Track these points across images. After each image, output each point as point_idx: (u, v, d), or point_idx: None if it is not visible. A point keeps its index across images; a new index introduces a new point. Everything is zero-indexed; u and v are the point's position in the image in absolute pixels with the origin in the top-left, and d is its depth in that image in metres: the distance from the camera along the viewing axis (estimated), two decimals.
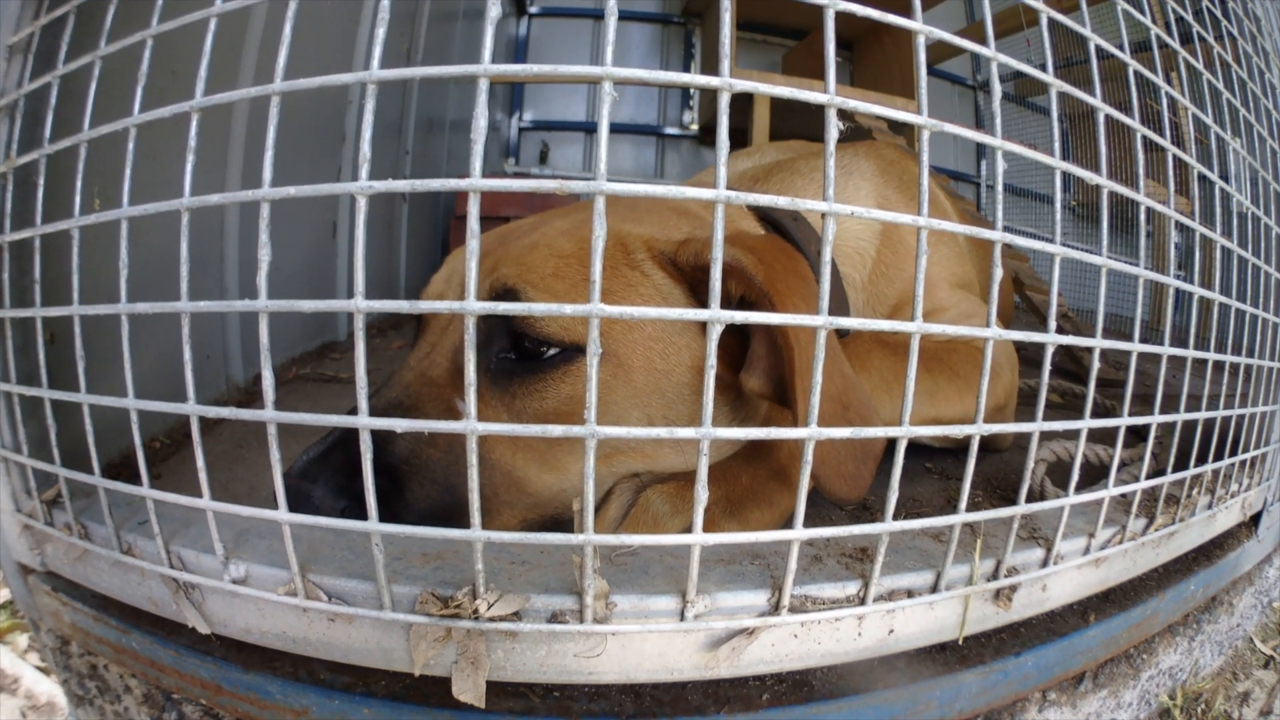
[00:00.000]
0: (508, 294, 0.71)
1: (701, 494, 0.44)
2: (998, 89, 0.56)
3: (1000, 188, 0.55)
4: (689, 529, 0.67)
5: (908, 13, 0.49)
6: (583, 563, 0.47)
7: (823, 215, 0.42)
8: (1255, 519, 1.01)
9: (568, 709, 0.55)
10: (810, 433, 0.45)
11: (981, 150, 4.25)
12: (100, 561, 0.65)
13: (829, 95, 0.43)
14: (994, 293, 0.52)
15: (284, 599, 0.54)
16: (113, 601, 0.66)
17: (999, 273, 0.52)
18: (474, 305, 0.39)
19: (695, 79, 0.41)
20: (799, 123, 2.81)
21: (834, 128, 0.43)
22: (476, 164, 0.39)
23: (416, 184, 0.39)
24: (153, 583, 0.62)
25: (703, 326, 0.74)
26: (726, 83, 0.40)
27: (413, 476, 0.65)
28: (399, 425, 0.43)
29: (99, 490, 0.61)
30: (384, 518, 0.47)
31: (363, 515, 0.57)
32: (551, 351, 0.69)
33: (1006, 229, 0.54)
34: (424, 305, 0.40)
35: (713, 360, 0.42)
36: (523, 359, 0.70)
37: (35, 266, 0.66)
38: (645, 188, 0.39)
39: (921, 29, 0.49)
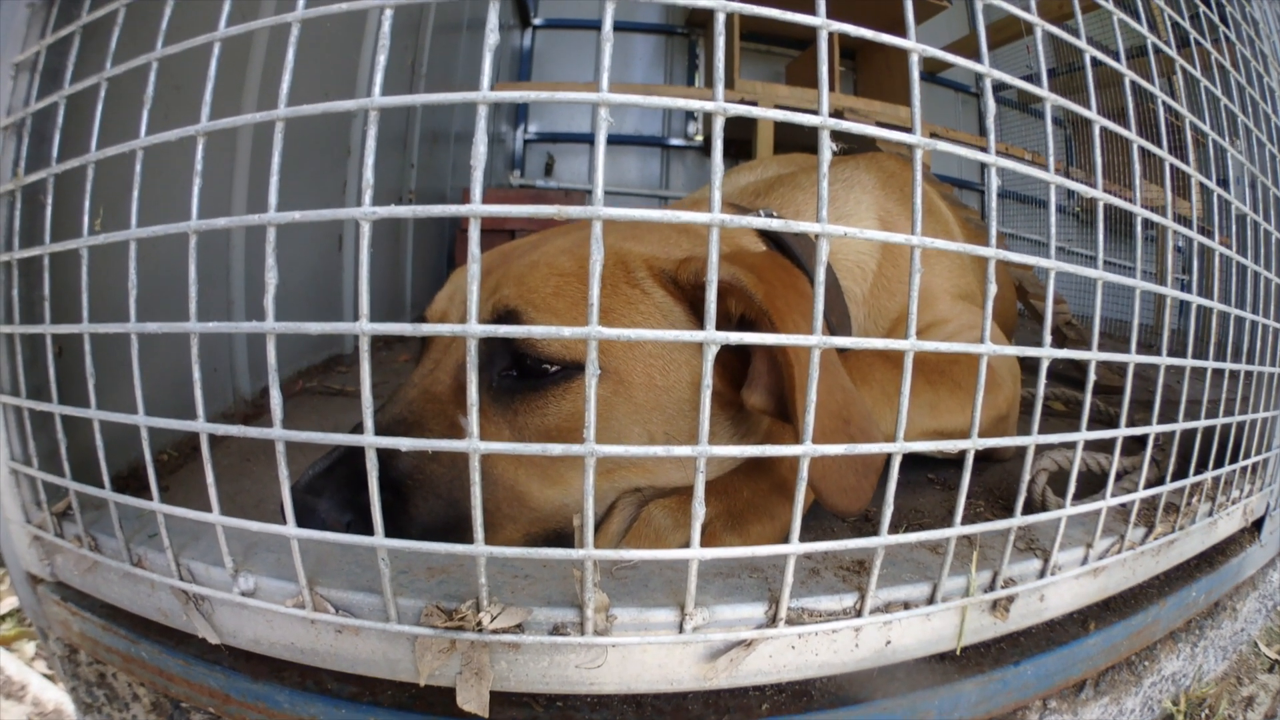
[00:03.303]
0: (509, 315, 0.72)
1: (699, 510, 0.45)
2: (991, 106, 0.56)
3: (994, 201, 0.55)
4: (690, 543, 0.68)
5: (903, 27, 0.50)
6: (583, 576, 0.48)
7: (815, 236, 0.43)
8: (1258, 524, 1.01)
9: (570, 718, 0.56)
10: (805, 449, 0.46)
11: None
12: (110, 573, 0.66)
13: (821, 118, 0.44)
14: (988, 308, 0.53)
15: (292, 611, 0.55)
16: (122, 611, 0.67)
17: (993, 289, 0.52)
18: (475, 328, 0.40)
19: (690, 103, 0.42)
20: (804, 134, 2.83)
21: (827, 149, 0.44)
22: (477, 190, 0.40)
23: (418, 210, 0.40)
24: (162, 594, 0.62)
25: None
26: (720, 107, 0.41)
27: (416, 491, 0.66)
28: (404, 444, 0.44)
29: (109, 503, 0.62)
30: (388, 532, 0.48)
31: (367, 528, 0.58)
32: (553, 369, 0.70)
33: (1010, 237, 0.55)
34: (426, 329, 0.41)
35: (709, 380, 0.42)
36: (525, 376, 0.71)
37: (44, 283, 0.67)
38: (641, 213, 0.40)
39: (914, 47, 0.50)
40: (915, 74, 0.51)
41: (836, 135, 0.47)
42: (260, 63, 1.32)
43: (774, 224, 0.42)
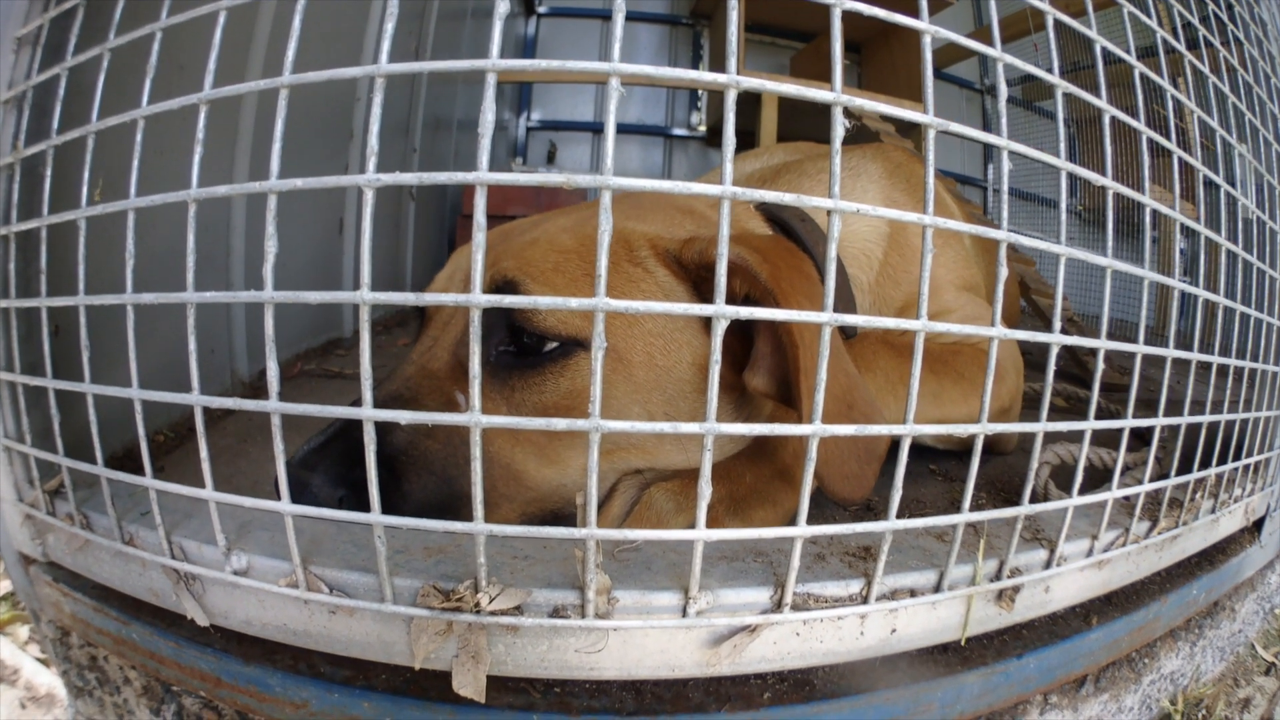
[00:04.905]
0: (507, 286, 0.71)
1: (705, 490, 0.44)
2: (1004, 89, 0.55)
3: (1005, 189, 0.55)
4: (693, 526, 0.67)
5: (915, 14, 0.49)
6: (585, 557, 0.47)
7: (828, 213, 0.42)
8: (1258, 524, 1.01)
9: (568, 705, 0.55)
10: (814, 429, 0.45)
11: (988, 154, 4.25)
12: (101, 552, 0.65)
13: (835, 94, 0.43)
14: (999, 292, 0.52)
15: (285, 591, 0.54)
16: (113, 592, 0.66)
17: (1004, 272, 0.52)
18: (479, 298, 0.39)
19: (702, 76, 0.41)
20: (806, 124, 2.81)
21: (840, 125, 0.43)
22: (484, 158, 0.39)
23: (424, 177, 0.39)
24: (154, 574, 0.62)
25: (705, 323, 0.74)
26: (733, 80, 0.40)
27: (411, 468, 0.65)
28: (403, 417, 0.43)
29: (102, 480, 0.61)
30: (381, 509, 0.47)
31: (360, 504, 0.57)
32: (551, 345, 0.69)
33: (1012, 233, 0.54)
34: (429, 297, 0.40)
35: (717, 356, 0.42)
36: (522, 353, 0.70)
37: (41, 257, 0.66)
38: (651, 183, 0.39)
39: (928, 29, 0.49)
40: (928, 55, 0.50)
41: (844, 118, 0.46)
42: (263, 45, 1.31)
43: (786, 198, 0.41)
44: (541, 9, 4.00)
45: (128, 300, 0.53)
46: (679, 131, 4.08)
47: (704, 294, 0.74)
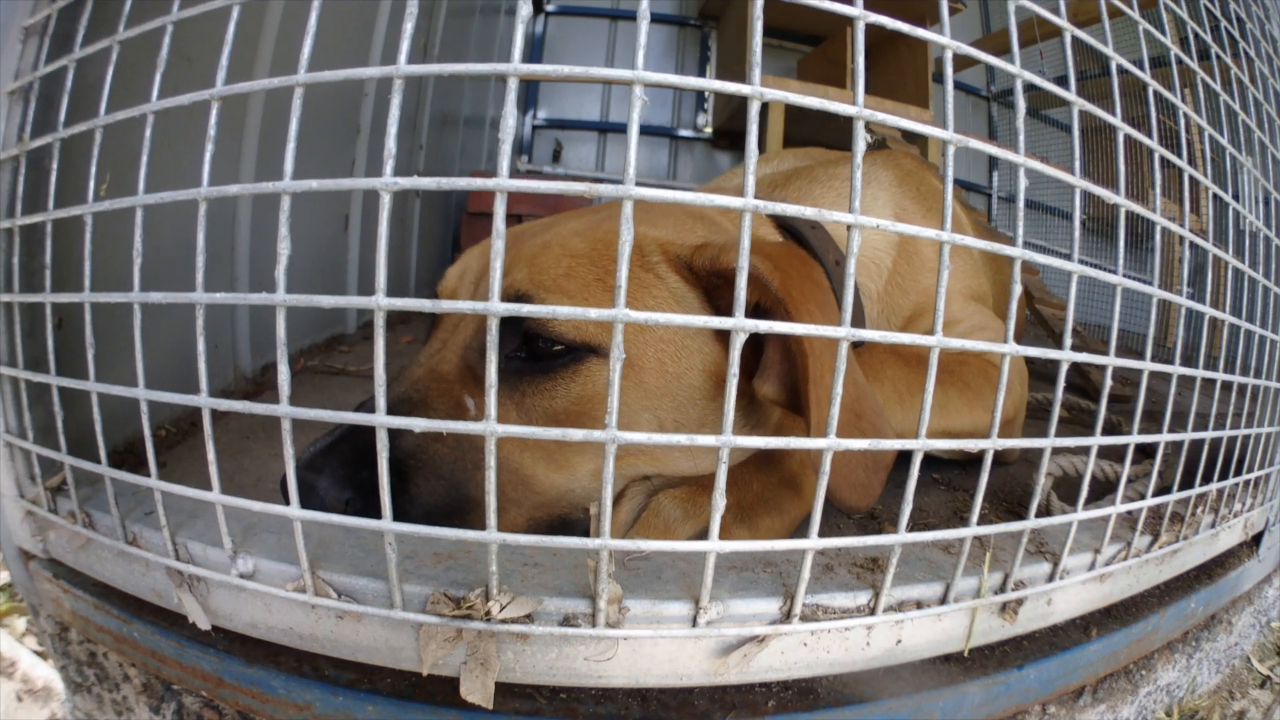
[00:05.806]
0: (520, 299, 0.71)
1: (719, 501, 0.44)
2: (1022, 106, 0.55)
3: (1021, 204, 0.55)
4: (700, 534, 0.67)
5: (925, 23, 0.49)
6: (598, 567, 0.47)
7: (848, 228, 0.42)
8: (1257, 539, 1.01)
9: (574, 711, 0.55)
10: (829, 443, 0.45)
11: (993, 162, 4.24)
12: (104, 551, 0.65)
13: (857, 107, 0.43)
14: (1012, 309, 0.52)
15: (292, 595, 0.53)
16: (114, 590, 0.66)
17: (1018, 289, 0.52)
18: (497, 306, 0.39)
19: (725, 86, 0.41)
20: (811, 129, 2.81)
21: (862, 139, 0.43)
22: (504, 163, 0.38)
23: (443, 182, 0.39)
24: (157, 574, 0.61)
25: (716, 331, 0.74)
26: (757, 91, 0.40)
27: (418, 471, 0.65)
28: (418, 425, 0.43)
29: (105, 479, 0.60)
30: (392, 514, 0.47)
31: (367, 506, 0.56)
32: (562, 351, 0.69)
33: (1025, 249, 0.54)
34: (446, 305, 0.40)
35: (735, 369, 0.41)
36: (532, 358, 0.70)
37: (46, 251, 0.65)
38: (674, 194, 0.38)
39: (949, 44, 0.49)
40: (949, 70, 0.50)
41: (846, 131, 0.46)
42: (272, 41, 1.31)
43: (808, 212, 0.41)
44: (550, 7, 3.99)
45: (135, 299, 0.52)
46: (685, 133, 4.07)
47: (715, 300, 0.74)
